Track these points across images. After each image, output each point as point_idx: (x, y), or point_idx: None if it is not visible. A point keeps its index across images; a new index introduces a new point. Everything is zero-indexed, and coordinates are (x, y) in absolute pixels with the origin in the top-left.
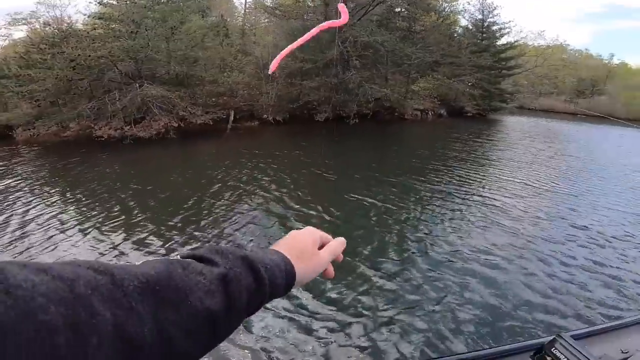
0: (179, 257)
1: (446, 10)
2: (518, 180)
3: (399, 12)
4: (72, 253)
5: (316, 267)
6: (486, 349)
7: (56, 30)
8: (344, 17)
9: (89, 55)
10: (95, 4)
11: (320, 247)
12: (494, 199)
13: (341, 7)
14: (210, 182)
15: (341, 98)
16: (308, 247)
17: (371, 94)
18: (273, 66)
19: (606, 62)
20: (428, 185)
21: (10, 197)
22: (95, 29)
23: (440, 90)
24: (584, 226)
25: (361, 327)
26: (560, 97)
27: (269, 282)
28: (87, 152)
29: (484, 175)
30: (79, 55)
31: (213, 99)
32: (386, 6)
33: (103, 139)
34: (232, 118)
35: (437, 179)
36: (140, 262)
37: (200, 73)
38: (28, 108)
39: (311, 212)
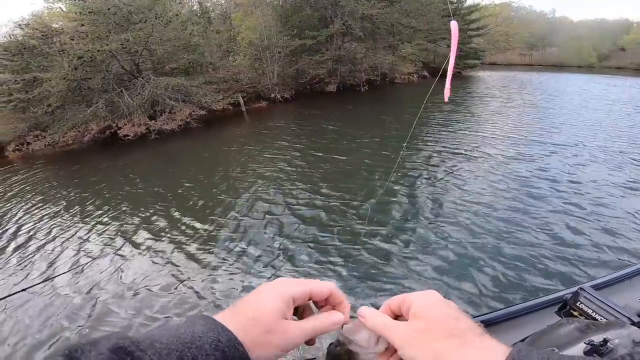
0: None
1: None
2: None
3: None
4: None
5: (285, 344)
6: (508, 307)
7: (41, 30)
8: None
9: (98, 50)
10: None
11: (300, 311)
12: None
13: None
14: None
15: (348, 69)
16: (264, 318)
17: (380, 63)
18: (446, 95)
19: (549, 17)
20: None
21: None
22: (83, 25)
23: (422, 55)
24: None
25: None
26: (515, 52)
27: None
28: (114, 154)
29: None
30: (88, 50)
31: (224, 84)
32: None
33: (129, 137)
34: (242, 101)
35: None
36: None
37: (206, 59)
38: (14, 122)
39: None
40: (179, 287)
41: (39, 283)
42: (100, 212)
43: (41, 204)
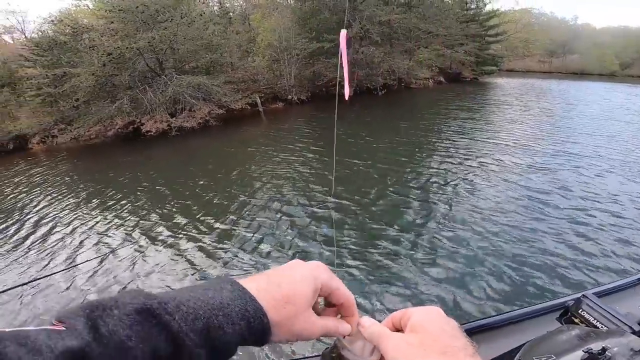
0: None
1: None
2: (525, 134)
3: None
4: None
5: (300, 333)
6: (509, 311)
7: (72, 26)
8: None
9: (126, 47)
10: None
11: (324, 305)
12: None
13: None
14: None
15: (365, 72)
16: (296, 301)
17: (397, 67)
18: (346, 94)
19: (571, 23)
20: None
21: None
22: (112, 22)
23: (439, 60)
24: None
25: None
26: (534, 59)
27: (199, 332)
28: (136, 149)
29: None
30: (117, 48)
31: (242, 84)
32: None
33: (151, 133)
34: (259, 101)
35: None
36: None
37: (226, 59)
38: (41, 116)
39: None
40: (193, 281)
41: (54, 273)
42: (118, 205)
43: (62, 196)
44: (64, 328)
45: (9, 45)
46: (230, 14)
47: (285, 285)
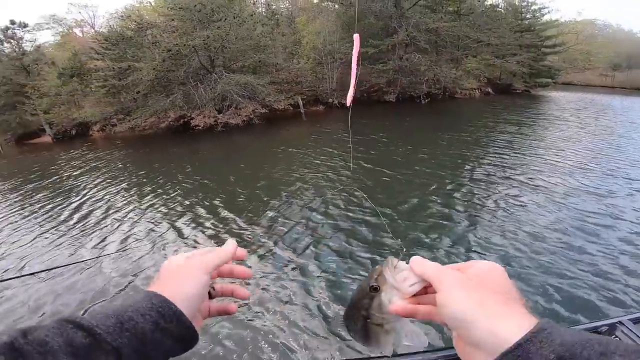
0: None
1: None
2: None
3: None
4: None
5: (185, 284)
6: None
7: (138, 22)
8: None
9: (184, 44)
10: None
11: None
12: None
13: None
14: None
15: (409, 80)
16: (172, 267)
17: (444, 76)
18: (349, 99)
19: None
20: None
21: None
22: (172, 20)
23: (488, 70)
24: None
25: None
26: (595, 72)
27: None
28: (184, 142)
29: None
30: (176, 44)
31: (285, 85)
32: None
33: (199, 127)
34: (301, 103)
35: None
36: None
37: (273, 60)
38: (103, 106)
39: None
40: None
41: (102, 255)
42: (166, 194)
43: (114, 180)
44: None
45: (79, 38)
46: (277, 16)
47: (177, 282)
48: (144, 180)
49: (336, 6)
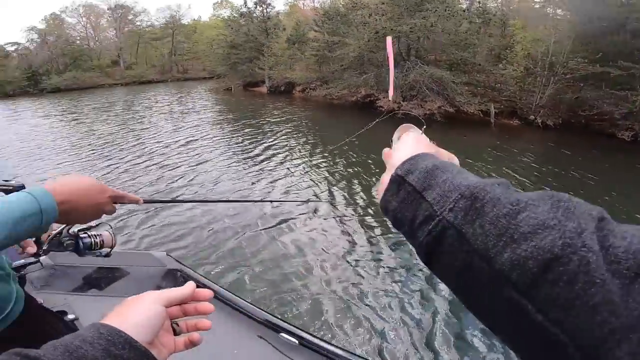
0: None
1: None
2: None
3: None
4: None
5: (134, 314)
6: None
7: (353, 1)
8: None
9: (391, 29)
10: None
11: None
12: None
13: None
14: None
15: None
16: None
17: None
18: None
19: None
20: None
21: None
22: (383, 3)
23: None
24: None
25: None
26: None
27: None
28: (364, 119)
29: None
30: (384, 28)
31: (480, 88)
32: None
33: (382, 109)
34: (493, 111)
35: None
36: None
37: (475, 60)
38: (309, 72)
39: None
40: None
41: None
42: (322, 157)
43: (294, 134)
44: None
45: (302, 10)
46: (489, 15)
47: (118, 317)
48: (320, 142)
49: (567, 15)
